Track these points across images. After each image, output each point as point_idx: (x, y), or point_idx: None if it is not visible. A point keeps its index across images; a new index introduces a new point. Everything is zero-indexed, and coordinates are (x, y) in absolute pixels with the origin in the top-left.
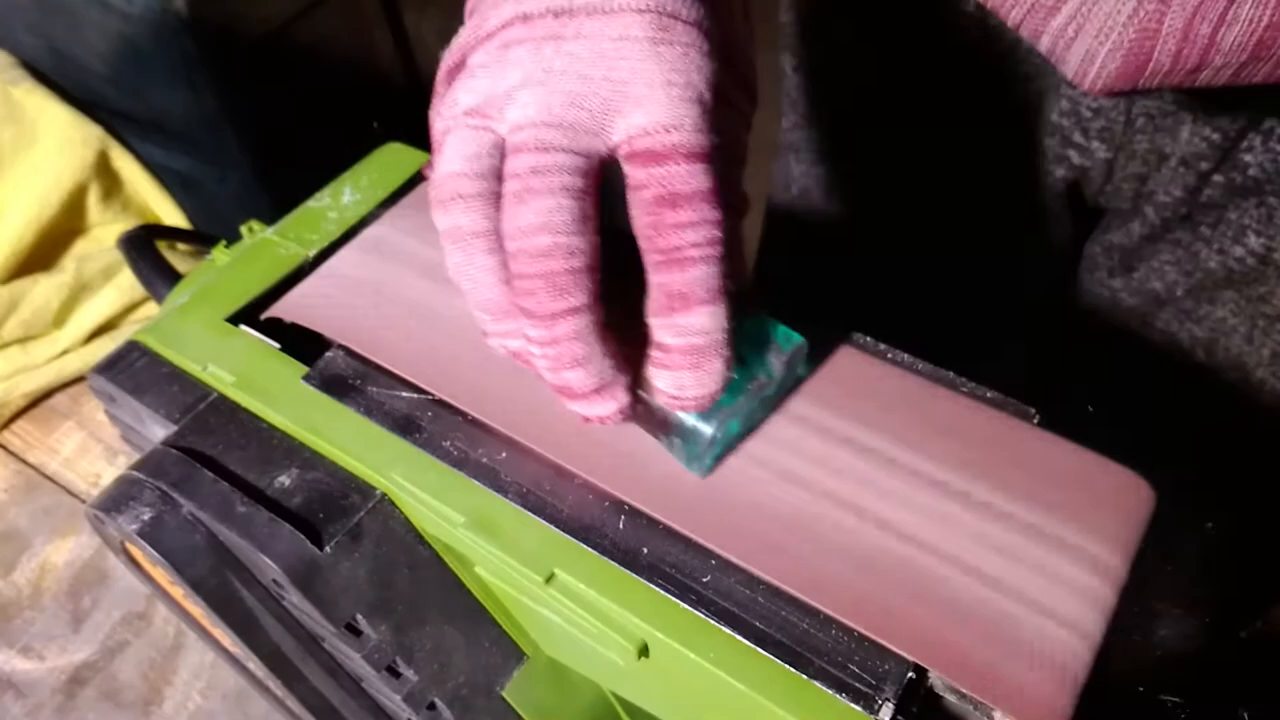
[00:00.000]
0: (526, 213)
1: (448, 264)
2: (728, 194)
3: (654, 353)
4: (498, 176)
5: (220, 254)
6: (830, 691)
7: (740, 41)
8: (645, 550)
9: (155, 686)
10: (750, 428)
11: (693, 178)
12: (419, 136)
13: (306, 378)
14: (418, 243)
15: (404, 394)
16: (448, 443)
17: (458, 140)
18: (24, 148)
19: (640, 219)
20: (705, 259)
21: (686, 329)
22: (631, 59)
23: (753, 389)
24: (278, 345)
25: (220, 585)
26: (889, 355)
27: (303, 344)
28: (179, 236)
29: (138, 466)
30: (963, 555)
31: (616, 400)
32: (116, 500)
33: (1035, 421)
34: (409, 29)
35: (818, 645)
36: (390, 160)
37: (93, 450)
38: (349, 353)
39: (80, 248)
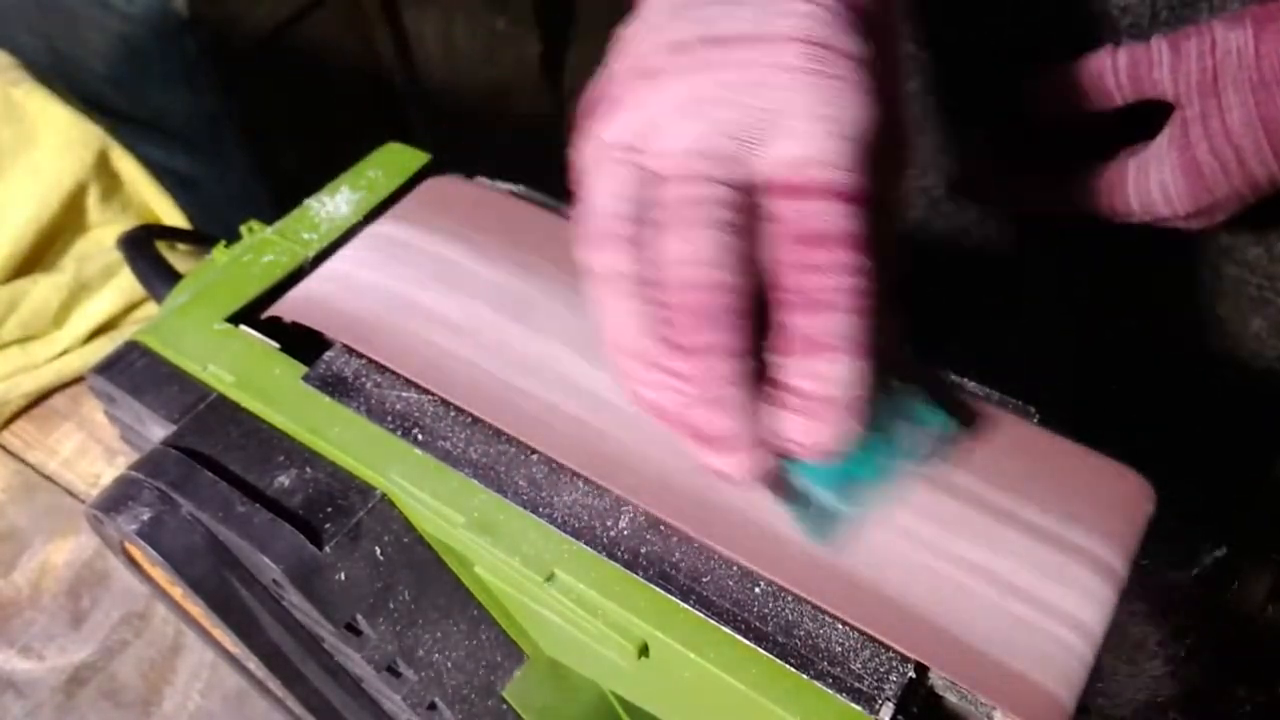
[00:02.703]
0: (676, 242)
1: (595, 304)
2: (882, 247)
3: (784, 397)
4: (648, 212)
5: (220, 254)
6: (830, 691)
7: (898, 92)
8: (645, 550)
9: (155, 686)
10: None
11: (841, 218)
12: (419, 137)
13: (306, 378)
14: (418, 242)
15: (404, 394)
16: (448, 443)
17: (606, 176)
18: (24, 148)
19: (776, 256)
20: (848, 307)
21: (823, 375)
22: (784, 89)
23: (889, 464)
24: (277, 345)
25: (220, 585)
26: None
27: (303, 344)
28: (179, 236)
29: (137, 466)
30: (962, 553)
31: (751, 457)
32: (116, 500)
33: (1035, 421)
34: (409, 29)
35: (818, 645)
36: (390, 160)
37: (92, 450)
38: (349, 352)
39: (80, 248)
